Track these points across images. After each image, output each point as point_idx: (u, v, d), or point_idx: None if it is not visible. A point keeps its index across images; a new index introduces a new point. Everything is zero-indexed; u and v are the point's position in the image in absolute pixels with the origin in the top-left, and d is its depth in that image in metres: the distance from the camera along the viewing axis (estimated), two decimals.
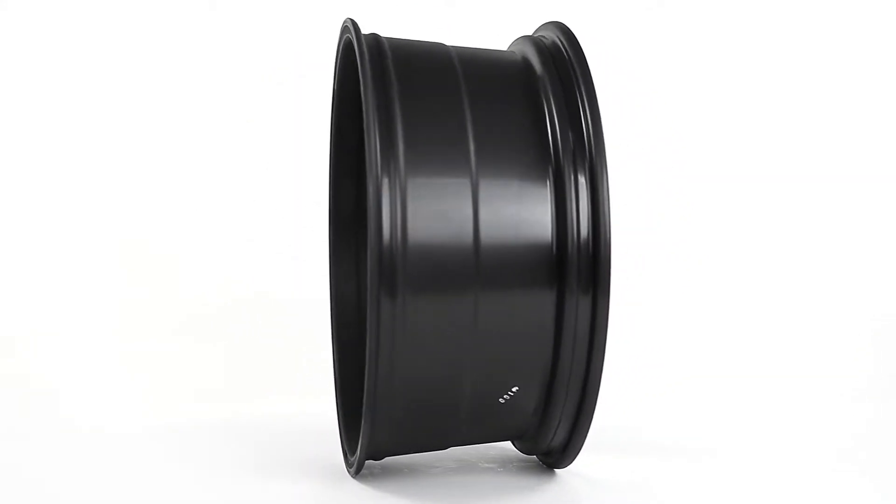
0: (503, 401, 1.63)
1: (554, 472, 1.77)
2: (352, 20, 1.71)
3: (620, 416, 2.09)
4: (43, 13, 2.83)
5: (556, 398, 1.63)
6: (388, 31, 1.98)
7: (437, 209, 1.57)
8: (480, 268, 1.56)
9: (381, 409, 1.61)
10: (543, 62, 1.66)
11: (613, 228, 1.94)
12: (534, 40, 1.72)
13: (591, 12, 2.81)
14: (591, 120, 1.57)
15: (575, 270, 1.55)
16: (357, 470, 1.71)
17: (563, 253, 1.55)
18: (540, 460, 1.79)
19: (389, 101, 1.60)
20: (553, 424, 1.66)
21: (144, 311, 2.66)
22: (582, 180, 1.56)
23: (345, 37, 1.77)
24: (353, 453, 1.74)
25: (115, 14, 2.83)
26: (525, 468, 1.79)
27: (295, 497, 1.70)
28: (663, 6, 2.86)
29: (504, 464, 1.81)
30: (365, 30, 1.86)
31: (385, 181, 1.56)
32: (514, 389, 1.61)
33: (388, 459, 1.83)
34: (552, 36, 1.71)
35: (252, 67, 2.77)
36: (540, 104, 1.62)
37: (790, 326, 2.60)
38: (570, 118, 1.59)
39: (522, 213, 1.57)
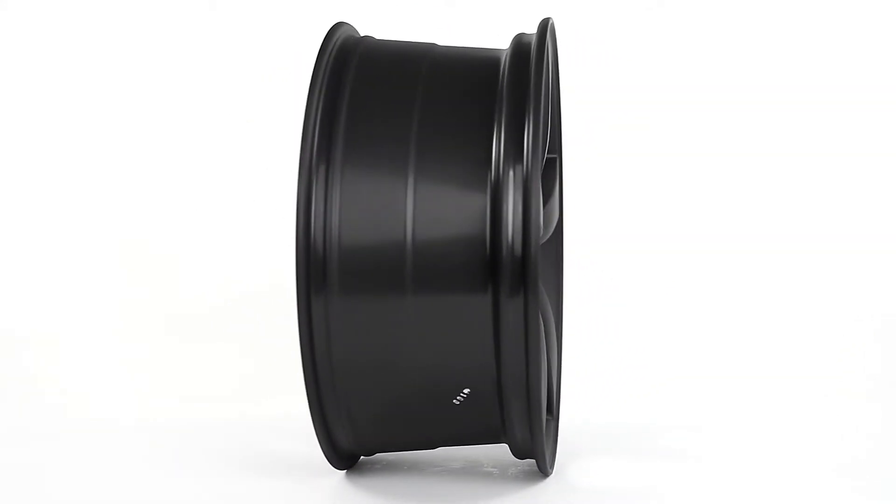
0: (457, 402, 1.63)
1: (547, 477, 1.77)
2: (338, 24, 1.72)
3: (610, 417, 2.09)
4: (43, 13, 2.83)
5: (506, 400, 1.62)
6: (389, 31, 1.98)
7: (371, 206, 1.58)
8: (413, 267, 1.56)
9: (329, 409, 1.64)
10: (510, 63, 1.65)
11: (598, 230, 1.97)
12: (518, 39, 1.71)
13: (591, 12, 2.81)
14: (532, 125, 1.57)
15: (508, 273, 1.55)
16: (334, 465, 1.72)
17: (496, 257, 1.56)
18: None
19: (338, 98, 1.63)
20: (512, 428, 1.66)
21: (144, 311, 2.66)
22: (516, 186, 1.56)
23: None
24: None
25: (114, 14, 2.83)
26: (526, 472, 1.78)
27: (287, 494, 1.71)
28: (663, 6, 2.86)
29: (507, 467, 1.81)
30: (364, 31, 1.86)
31: (316, 176, 1.58)
32: (465, 391, 1.61)
33: (393, 457, 1.84)
34: (534, 35, 1.70)
35: (252, 67, 2.77)
36: (493, 107, 1.62)
37: (778, 326, 2.60)
38: (516, 123, 1.59)
39: (458, 214, 1.57)
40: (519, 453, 1.73)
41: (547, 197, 1.89)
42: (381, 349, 1.60)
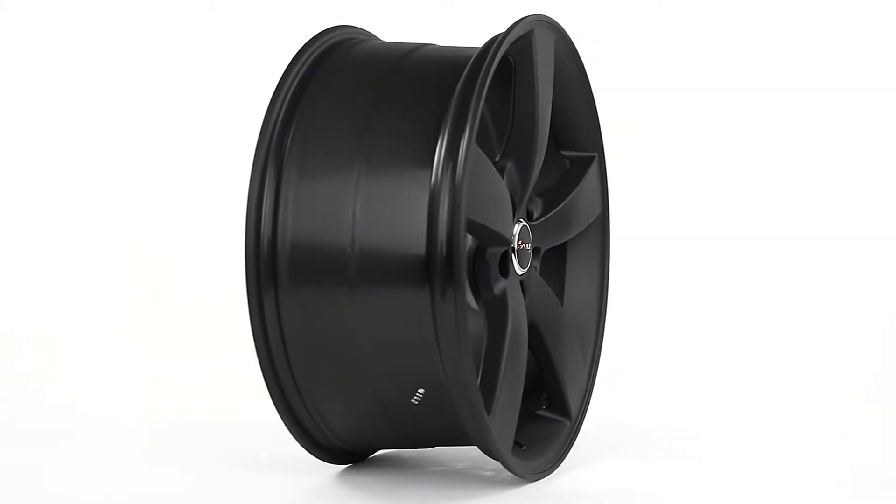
0: (415, 402, 1.63)
1: (544, 482, 1.76)
2: (324, 31, 1.76)
3: (608, 417, 2.08)
4: (43, 13, 2.83)
5: (456, 402, 1.62)
6: (390, 31, 1.98)
7: (319, 206, 1.62)
8: (357, 265, 1.59)
9: (294, 404, 1.68)
10: (469, 67, 1.65)
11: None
12: (490, 40, 1.72)
13: (591, 12, 2.81)
14: (468, 132, 1.56)
15: (438, 274, 1.56)
16: (313, 453, 1.75)
17: (431, 257, 1.57)
18: None
19: (301, 98, 1.68)
20: (467, 427, 1.65)
21: (144, 311, 2.66)
22: (447, 191, 1.56)
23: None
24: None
25: (115, 14, 2.83)
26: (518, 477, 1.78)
27: (285, 493, 1.71)
28: (663, 6, 2.86)
29: (503, 469, 1.80)
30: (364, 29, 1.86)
31: (268, 175, 1.65)
32: (420, 391, 1.62)
33: (395, 457, 1.84)
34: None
35: (252, 67, 2.77)
36: (444, 112, 1.62)
37: (778, 326, 2.60)
38: (457, 129, 1.59)
39: (399, 216, 1.59)
40: (486, 453, 1.72)
41: (562, 196, 1.89)
42: (334, 346, 1.63)
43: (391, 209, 1.59)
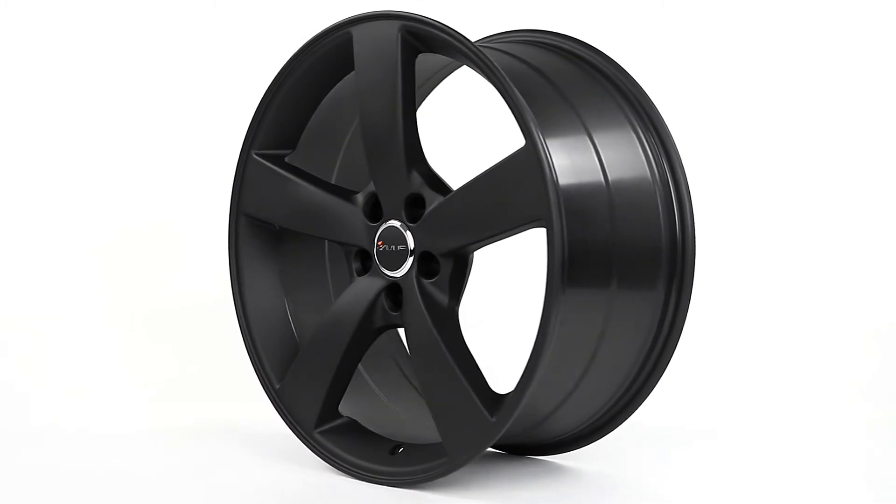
0: None
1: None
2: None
3: None
4: (43, 13, 2.83)
5: None
6: None
7: None
8: None
9: None
10: None
11: None
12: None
13: (592, 12, 2.82)
14: (246, 135, 1.94)
15: None
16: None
17: None
18: None
19: None
20: None
21: (142, 309, 2.66)
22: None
23: None
24: None
25: (115, 13, 2.84)
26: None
27: (282, 492, 1.72)
28: (664, 7, 2.86)
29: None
30: None
31: None
32: None
33: None
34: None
35: (252, 67, 2.77)
36: None
37: (778, 325, 2.61)
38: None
39: None
40: None
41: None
42: None
43: None
